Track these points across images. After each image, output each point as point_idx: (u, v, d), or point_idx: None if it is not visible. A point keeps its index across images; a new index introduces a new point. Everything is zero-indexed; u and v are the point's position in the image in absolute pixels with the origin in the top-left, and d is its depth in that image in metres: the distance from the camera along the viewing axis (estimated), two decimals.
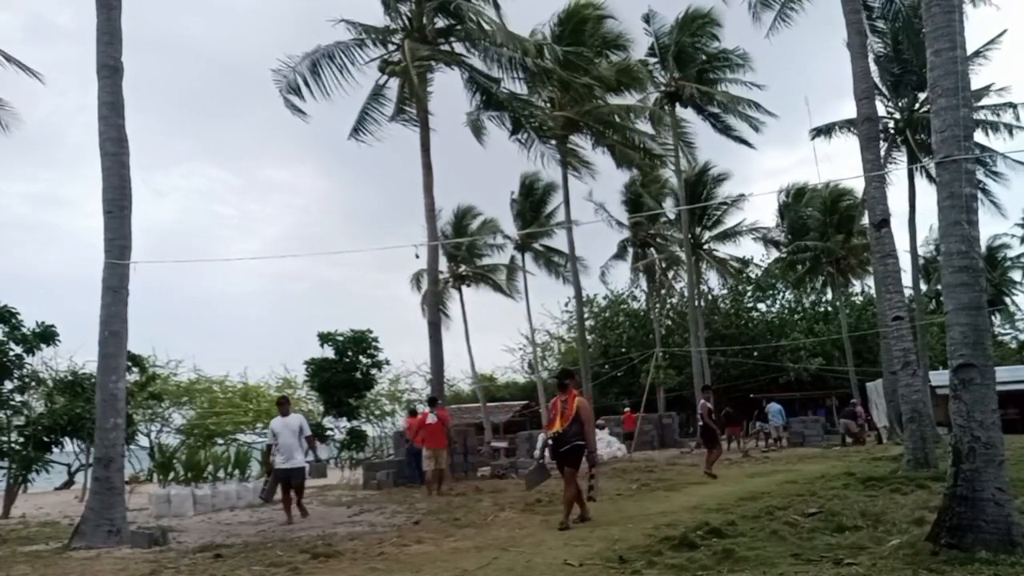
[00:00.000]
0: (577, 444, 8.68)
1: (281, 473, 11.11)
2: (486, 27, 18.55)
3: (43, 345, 17.09)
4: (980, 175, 26.80)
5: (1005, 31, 28.30)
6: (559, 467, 8.94)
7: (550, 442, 8.86)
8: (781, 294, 44.29)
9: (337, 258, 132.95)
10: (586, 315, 37.33)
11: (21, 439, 16.82)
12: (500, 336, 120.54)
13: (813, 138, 27.91)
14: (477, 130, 22.94)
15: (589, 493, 9.08)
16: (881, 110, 24.62)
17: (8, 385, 16.82)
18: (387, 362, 23.95)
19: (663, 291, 41.61)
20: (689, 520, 8.28)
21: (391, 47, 19.43)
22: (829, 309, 42.07)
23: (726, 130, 31.19)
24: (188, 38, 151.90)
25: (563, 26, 22.66)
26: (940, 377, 23.95)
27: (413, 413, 18.85)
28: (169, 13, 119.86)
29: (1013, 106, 26.39)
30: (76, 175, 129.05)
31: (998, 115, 26.73)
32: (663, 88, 30.37)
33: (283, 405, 11.64)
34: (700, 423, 16.42)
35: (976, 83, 24.48)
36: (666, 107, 29.84)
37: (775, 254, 40.77)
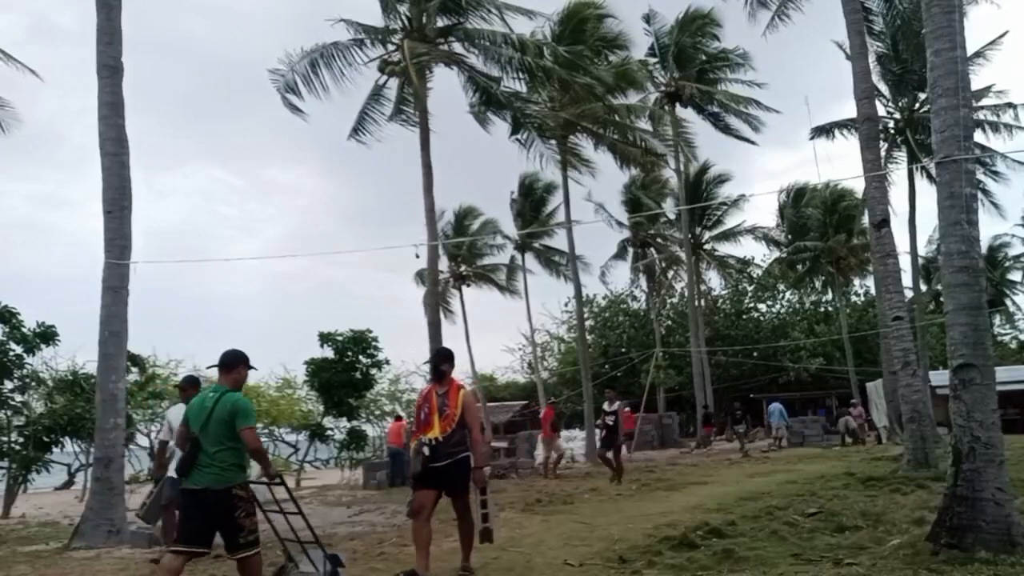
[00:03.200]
0: (461, 457, 5.98)
1: (171, 488, 7.29)
2: (488, 27, 18.56)
3: (43, 345, 17.10)
4: (980, 175, 26.81)
5: (1006, 32, 28.38)
6: (423, 487, 6.03)
7: (425, 451, 5.97)
8: (782, 294, 44.34)
9: (338, 258, 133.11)
10: (586, 315, 37.34)
11: (21, 439, 16.84)
12: (500, 336, 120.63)
13: (813, 138, 27.93)
14: (481, 119, 22.85)
15: (484, 524, 6.19)
16: (881, 110, 24.61)
17: (8, 385, 16.84)
18: (387, 362, 23.98)
19: (663, 291, 41.62)
20: (689, 520, 8.27)
21: (391, 47, 19.43)
22: (829, 309, 42.11)
23: (727, 129, 31.24)
24: (190, 39, 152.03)
25: (563, 25, 22.66)
26: (940, 377, 23.94)
27: (399, 419, 20.01)
28: (171, 14, 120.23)
29: (1013, 106, 26.42)
30: (78, 175, 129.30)
31: (998, 115, 26.75)
32: (663, 88, 30.39)
33: (187, 390, 7.57)
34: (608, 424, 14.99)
35: (976, 83, 24.50)
36: (666, 107, 29.86)
37: (776, 254, 40.84)
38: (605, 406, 15.27)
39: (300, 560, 6.20)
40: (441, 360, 6.36)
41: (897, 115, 27.14)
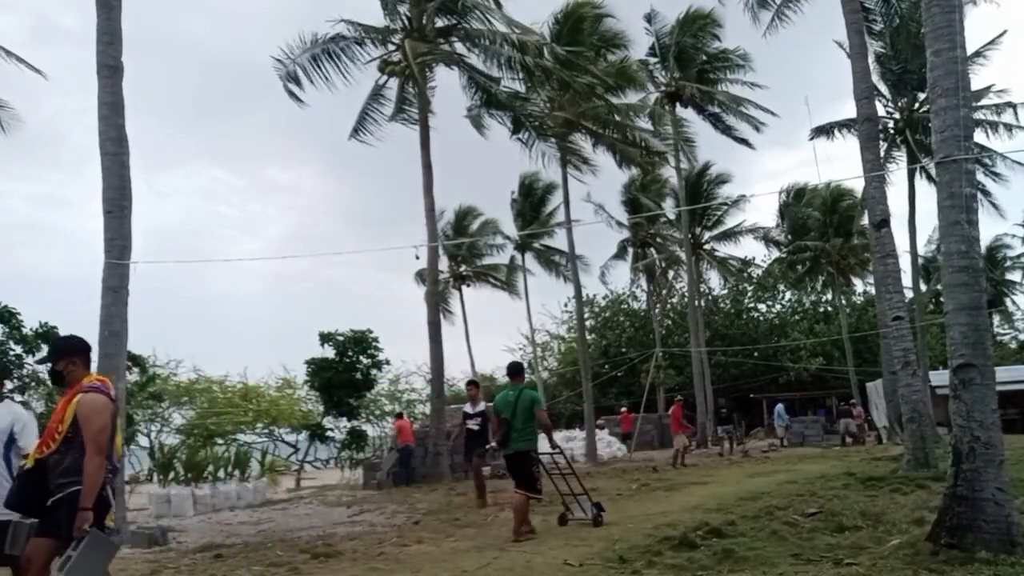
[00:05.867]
0: (69, 493, 4.07)
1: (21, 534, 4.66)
2: (488, 24, 18.58)
3: (44, 345, 17.10)
4: (980, 175, 26.83)
5: (1005, 31, 28.43)
6: (38, 531, 4.20)
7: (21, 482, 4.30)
8: (782, 294, 44.34)
9: (339, 258, 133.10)
10: (586, 315, 37.31)
11: None
12: (500, 336, 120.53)
13: (813, 138, 27.93)
14: (478, 124, 22.90)
15: None
16: (881, 110, 24.63)
17: (8, 385, 16.83)
18: (387, 362, 24.01)
19: (663, 291, 41.60)
20: (689, 520, 8.28)
21: (391, 47, 19.46)
22: (829, 309, 42.12)
23: (727, 130, 31.21)
24: (190, 39, 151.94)
25: (561, 25, 22.64)
26: (940, 377, 23.95)
27: (400, 416, 20.09)
28: (171, 14, 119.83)
29: (1013, 106, 26.42)
30: (78, 175, 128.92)
31: (998, 115, 26.76)
32: (663, 88, 30.38)
33: None
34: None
35: (976, 83, 24.52)
36: (666, 107, 29.84)
37: (776, 254, 40.84)
38: (467, 408, 12.52)
39: (574, 507, 8.88)
40: (57, 356, 4.39)
41: (897, 115, 27.15)
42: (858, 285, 41.25)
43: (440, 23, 19.67)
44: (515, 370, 8.74)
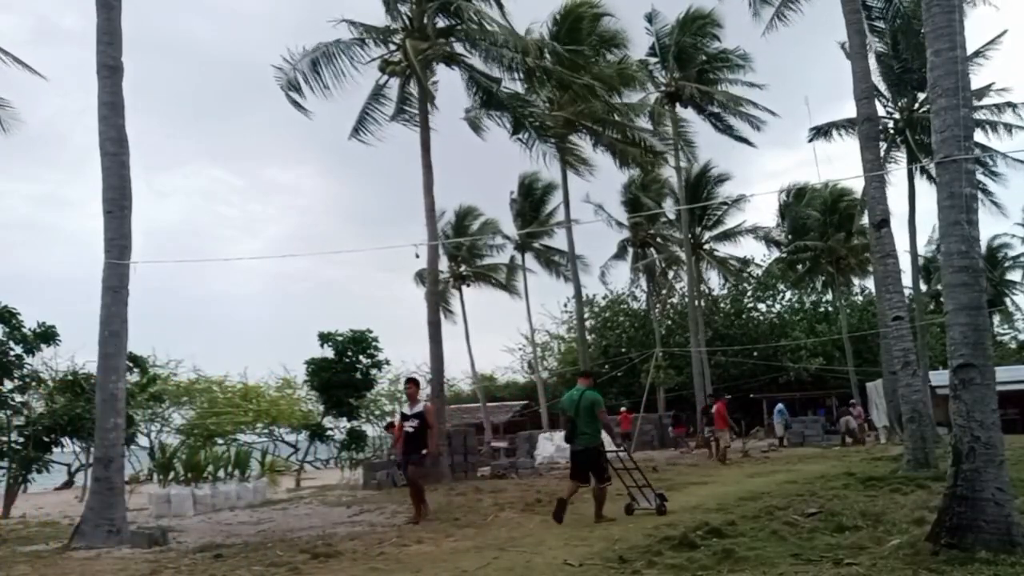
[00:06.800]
0: None
1: None
2: (487, 27, 18.56)
3: (43, 345, 17.06)
4: (980, 175, 26.84)
5: (1005, 31, 28.43)
6: None
7: None
8: (782, 294, 44.37)
9: (339, 258, 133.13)
10: (586, 315, 37.32)
11: (21, 439, 16.82)
12: (500, 336, 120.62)
13: (812, 139, 27.92)
14: (475, 126, 22.88)
15: None
16: (881, 110, 24.62)
17: (8, 385, 16.80)
18: (387, 362, 23.96)
19: (663, 291, 41.62)
20: (689, 520, 8.28)
21: (392, 47, 19.46)
22: (829, 309, 42.14)
23: (727, 130, 31.22)
24: (191, 39, 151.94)
25: (560, 25, 22.62)
26: (940, 377, 23.96)
27: (390, 427, 20.13)
28: (171, 14, 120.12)
29: (1013, 106, 26.42)
30: (78, 175, 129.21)
31: (997, 115, 26.75)
32: (663, 88, 30.38)
33: None
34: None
35: (976, 83, 24.51)
36: (666, 107, 29.85)
37: (776, 254, 40.85)
38: (405, 408, 10.85)
39: (639, 498, 9.71)
40: None
41: (897, 115, 27.14)
42: (857, 286, 41.34)
43: (441, 23, 19.66)
44: (584, 373, 10.09)
